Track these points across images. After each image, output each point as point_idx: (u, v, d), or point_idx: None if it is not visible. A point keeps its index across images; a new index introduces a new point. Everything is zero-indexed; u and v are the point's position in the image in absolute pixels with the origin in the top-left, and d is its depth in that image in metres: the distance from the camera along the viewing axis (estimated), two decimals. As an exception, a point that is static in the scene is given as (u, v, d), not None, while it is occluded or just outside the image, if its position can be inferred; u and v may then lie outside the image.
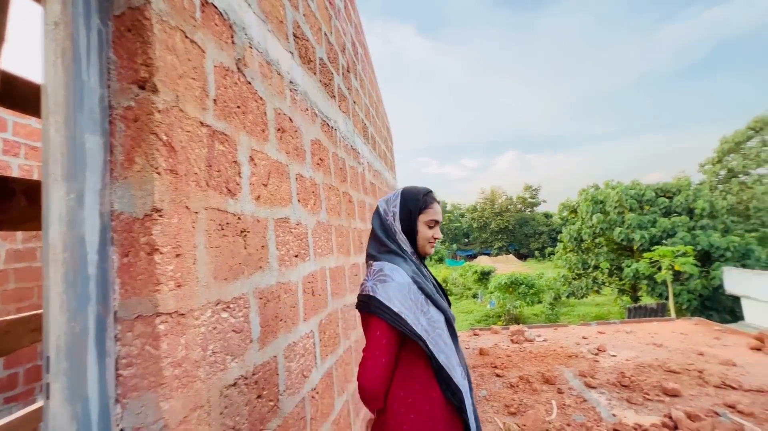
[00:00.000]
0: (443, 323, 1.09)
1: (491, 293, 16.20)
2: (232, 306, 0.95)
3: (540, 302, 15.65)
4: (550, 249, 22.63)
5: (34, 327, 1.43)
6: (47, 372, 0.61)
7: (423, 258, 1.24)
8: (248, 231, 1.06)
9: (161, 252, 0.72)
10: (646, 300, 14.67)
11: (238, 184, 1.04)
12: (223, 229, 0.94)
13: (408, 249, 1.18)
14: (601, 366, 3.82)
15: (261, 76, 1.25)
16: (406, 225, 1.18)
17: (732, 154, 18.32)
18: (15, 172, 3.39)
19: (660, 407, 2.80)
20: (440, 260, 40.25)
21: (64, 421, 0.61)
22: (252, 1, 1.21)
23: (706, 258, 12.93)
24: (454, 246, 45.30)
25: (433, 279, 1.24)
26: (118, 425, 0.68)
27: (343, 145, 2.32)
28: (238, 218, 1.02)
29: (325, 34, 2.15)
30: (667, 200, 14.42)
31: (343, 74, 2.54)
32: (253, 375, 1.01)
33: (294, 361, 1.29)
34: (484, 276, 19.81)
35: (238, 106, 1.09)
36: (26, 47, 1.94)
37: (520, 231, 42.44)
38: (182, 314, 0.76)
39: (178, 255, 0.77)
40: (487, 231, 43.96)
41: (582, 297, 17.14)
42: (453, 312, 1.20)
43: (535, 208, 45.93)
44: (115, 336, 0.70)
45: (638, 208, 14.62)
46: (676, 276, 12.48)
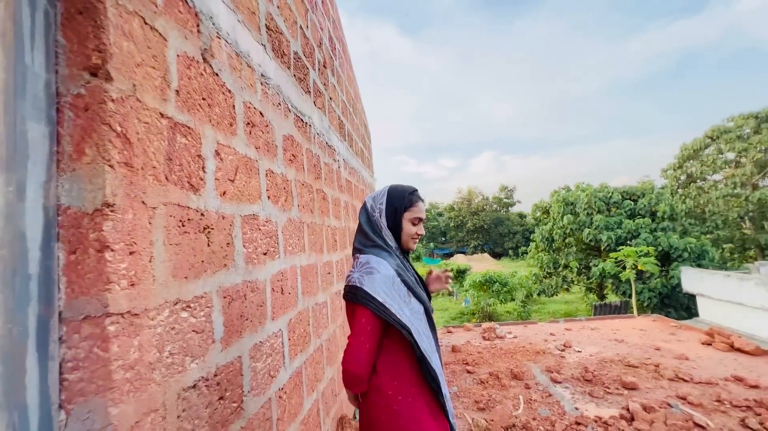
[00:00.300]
0: (423, 314, 1.17)
1: (466, 291, 16.52)
2: (192, 305, 0.92)
3: (513, 300, 16.09)
4: (523, 249, 23.32)
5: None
6: (-21, 378, 0.57)
7: (406, 253, 1.31)
8: (212, 228, 1.03)
9: (113, 250, 0.68)
10: (612, 298, 15.38)
11: (202, 179, 1.00)
12: (184, 226, 0.91)
13: (393, 244, 1.25)
14: (566, 362, 3.98)
15: (230, 67, 1.21)
16: (392, 221, 1.24)
17: (691, 161, 19.46)
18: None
19: (619, 400, 2.95)
20: (417, 258, 40.63)
21: (-2, 430, 0.57)
22: (220, -10, 1.17)
23: (666, 259, 13.69)
24: (432, 245, 45.85)
25: (415, 272, 1.31)
26: (62, 432, 0.64)
27: (317, 141, 2.29)
28: (201, 214, 0.99)
29: (301, 27, 2.11)
30: (632, 203, 15.14)
31: (320, 69, 2.50)
32: (215, 376, 0.99)
33: (260, 361, 1.27)
34: (460, 275, 20.17)
35: (204, 98, 1.05)
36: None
37: (495, 231, 43.44)
38: (136, 314, 0.73)
39: (132, 253, 0.73)
40: (463, 231, 44.74)
41: (552, 295, 17.77)
42: (432, 305, 1.28)
43: (510, 208, 47.13)
44: (60, 339, 0.66)
45: (606, 209, 15.28)
46: (639, 275, 13.14)
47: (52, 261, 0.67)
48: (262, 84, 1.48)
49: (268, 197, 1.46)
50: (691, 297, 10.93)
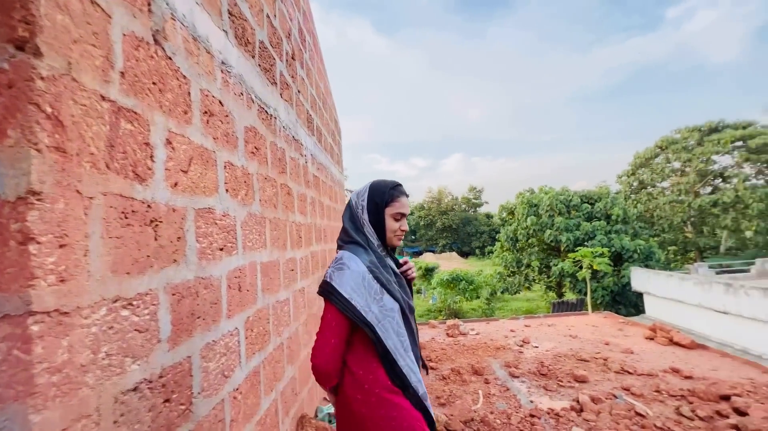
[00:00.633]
0: (396, 312, 1.14)
1: (434, 289, 16.82)
2: (135, 303, 0.86)
3: (478, 297, 16.59)
4: (489, 248, 24.06)
5: None
6: None
7: (393, 250, 1.28)
8: (160, 221, 0.97)
9: (38, 242, 0.62)
10: (569, 296, 16.23)
11: (150, 169, 0.94)
12: (127, 218, 0.85)
13: (375, 241, 1.22)
14: (524, 357, 4.15)
15: (185, 52, 1.14)
16: (374, 217, 1.21)
17: (643, 168, 20.87)
18: None
19: (571, 392, 3.12)
20: (387, 256, 40.76)
21: None
22: (176, -31, 1.10)
23: (618, 259, 14.62)
24: (401, 243, 46.18)
25: (395, 270, 1.25)
26: (-27, 443, 0.58)
27: (283, 135, 2.23)
28: (148, 206, 0.93)
29: (268, 16, 2.04)
30: (590, 206, 16.03)
31: (287, 61, 2.44)
32: (160, 377, 0.93)
33: (213, 361, 1.21)
34: (429, 273, 20.49)
35: (154, 83, 0.99)
36: None
37: (463, 230, 44.49)
38: (65, 313, 0.67)
39: (62, 246, 0.67)
40: (433, 229, 45.47)
41: (515, 293, 18.49)
42: (413, 304, 1.26)
43: (477, 208, 48.43)
44: (-27, 340, 0.60)
45: (566, 212, 16.07)
46: (594, 274, 13.95)
47: (-35, 253, 0.60)
48: (222, 72, 1.42)
49: (227, 190, 1.40)
50: (639, 295, 11.76)
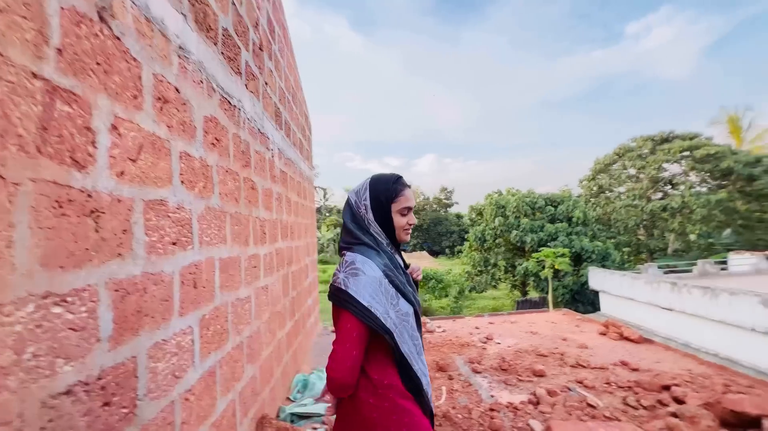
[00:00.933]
0: (411, 315, 1.12)
1: (403, 287, 16.91)
2: (70, 299, 0.80)
3: (447, 296, 16.91)
4: (459, 248, 24.61)
5: None
6: None
7: (399, 246, 1.22)
8: (102, 212, 0.91)
9: (-52, 231, 0.56)
10: (533, 295, 16.93)
11: (91, 156, 0.88)
12: (62, 207, 0.78)
13: (383, 240, 1.16)
14: (487, 353, 4.28)
15: (136, 33, 1.08)
16: (380, 215, 1.15)
17: (602, 174, 22.09)
18: None
19: (529, 386, 3.25)
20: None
21: None
22: (127, -57, 1.03)
23: (578, 259, 15.41)
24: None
25: (404, 269, 1.21)
26: None
27: (248, 127, 2.16)
28: (88, 195, 0.86)
29: (234, 3, 1.96)
30: (553, 208, 16.77)
31: (254, 51, 2.36)
32: (99, 379, 0.87)
33: (163, 361, 1.15)
34: (398, 271, 20.57)
35: (99, 63, 0.92)
36: None
37: (434, 230, 45.20)
38: (-18, 309, 0.61)
39: (-21, 236, 0.61)
40: (404, 228, 45.82)
41: (482, 292, 19.03)
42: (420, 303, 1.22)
43: (448, 208, 49.36)
44: None
45: (531, 214, 16.73)
46: (556, 273, 14.62)
47: None
48: (180, 57, 1.35)
49: (182, 182, 1.33)
50: (596, 294, 12.45)
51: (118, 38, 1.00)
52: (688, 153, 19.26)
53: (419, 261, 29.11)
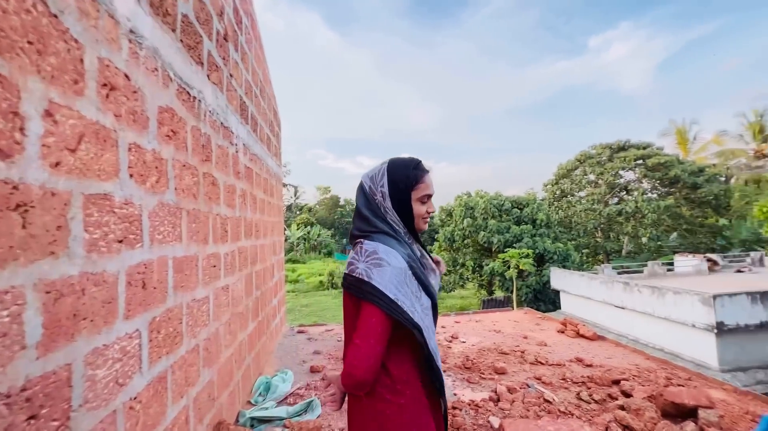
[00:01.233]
0: (430, 308, 1.06)
1: (373, 286, 16.95)
2: (-12, 302, 0.72)
3: (416, 295, 17.09)
4: (429, 248, 24.99)
5: None
6: None
7: (417, 236, 1.14)
8: (31, 206, 0.82)
9: None
10: (498, 294, 17.49)
11: (19, 143, 0.80)
12: (-20, 200, 0.70)
13: (401, 229, 1.09)
14: (452, 352, 4.35)
15: (78, 12, 0.99)
16: (398, 203, 1.07)
17: (564, 178, 23.19)
18: None
19: (491, 384, 3.34)
20: (329, 254, 40.33)
21: None
22: None
23: (541, 260, 16.08)
24: (345, 241, 45.95)
25: (424, 258, 1.14)
26: None
27: (210, 120, 2.06)
28: (14, 187, 0.78)
29: (195, -12, 1.86)
30: (519, 211, 17.40)
31: (218, 41, 2.26)
32: (23, 391, 0.79)
33: (104, 368, 1.07)
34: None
35: (30, 42, 0.83)
36: None
37: (405, 230, 45.58)
38: None
39: None
40: (375, 228, 45.86)
41: (450, 291, 19.43)
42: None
43: (419, 209, 49.95)
44: None
45: (498, 215, 17.27)
46: (520, 273, 15.19)
47: None
48: (131, 42, 1.26)
49: (131, 175, 1.25)
50: (557, 293, 13.06)
51: (56, 16, 0.91)
52: (641, 161, 20.62)
53: (390, 261, 29.27)
